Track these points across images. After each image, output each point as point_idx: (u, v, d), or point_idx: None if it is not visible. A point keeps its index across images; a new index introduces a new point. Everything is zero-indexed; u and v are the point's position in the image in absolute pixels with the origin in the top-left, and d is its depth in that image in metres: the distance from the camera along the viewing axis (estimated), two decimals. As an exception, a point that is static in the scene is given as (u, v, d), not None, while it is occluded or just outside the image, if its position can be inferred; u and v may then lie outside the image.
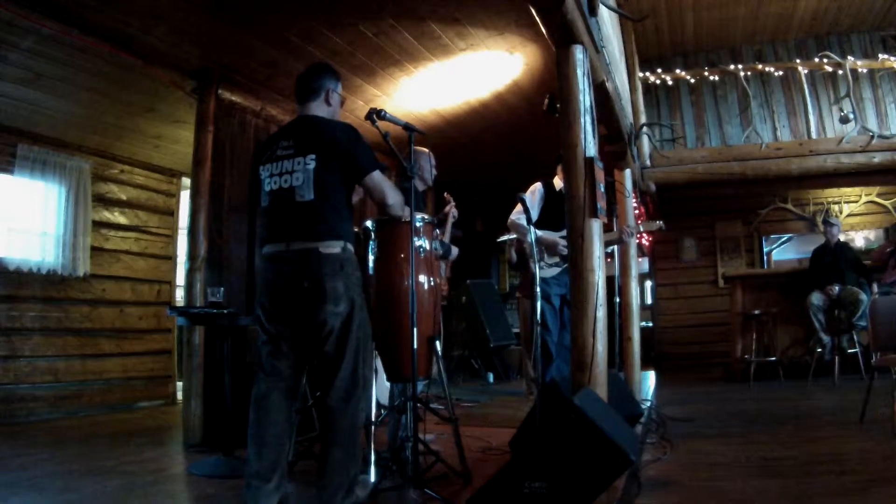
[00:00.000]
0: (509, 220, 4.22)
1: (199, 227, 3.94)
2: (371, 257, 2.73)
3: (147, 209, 6.17)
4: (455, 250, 3.42)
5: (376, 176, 2.28)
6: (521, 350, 6.13)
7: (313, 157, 2.21)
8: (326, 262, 2.16)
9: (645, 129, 6.37)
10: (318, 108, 2.38)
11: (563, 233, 4.07)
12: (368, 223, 2.77)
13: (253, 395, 2.22)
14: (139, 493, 2.70)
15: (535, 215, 4.12)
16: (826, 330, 5.86)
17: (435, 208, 6.20)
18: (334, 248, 2.18)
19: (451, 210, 3.57)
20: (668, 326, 8.30)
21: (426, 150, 3.37)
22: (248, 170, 4.26)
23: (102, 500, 2.58)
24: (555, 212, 4.17)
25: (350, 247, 2.25)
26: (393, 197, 2.34)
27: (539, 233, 4.06)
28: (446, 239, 3.38)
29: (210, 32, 3.67)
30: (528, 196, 4.14)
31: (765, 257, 8.22)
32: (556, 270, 4.16)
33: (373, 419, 2.67)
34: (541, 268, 4.14)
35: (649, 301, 8.93)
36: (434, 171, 3.40)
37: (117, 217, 5.91)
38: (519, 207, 4.16)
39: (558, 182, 4.30)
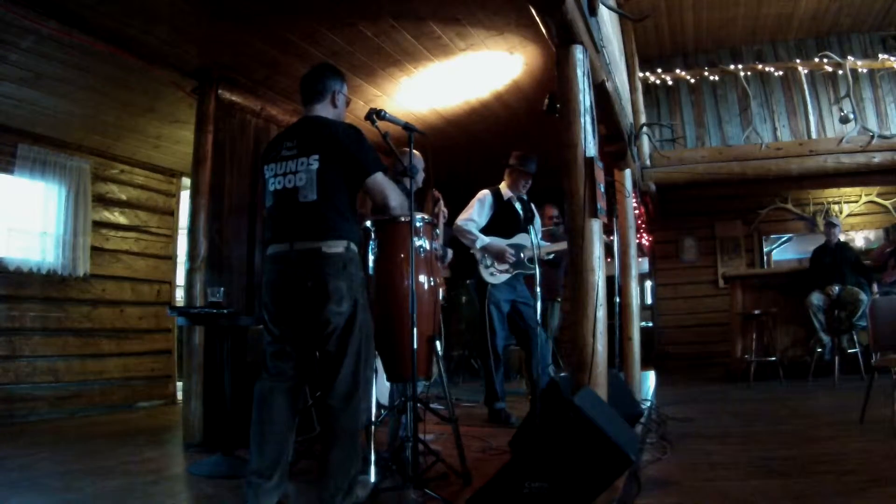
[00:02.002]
0: (456, 225, 4.23)
1: (199, 227, 3.93)
2: (371, 257, 2.73)
3: (147, 209, 6.18)
4: (450, 253, 3.41)
5: (379, 177, 2.29)
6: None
7: (316, 157, 2.21)
8: (329, 261, 2.17)
9: (645, 129, 6.38)
10: (324, 110, 2.38)
11: (513, 240, 4.21)
12: (368, 223, 2.77)
13: (256, 394, 2.23)
14: (139, 493, 2.70)
15: (482, 222, 4.22)
16: (826, 330, 5.86)
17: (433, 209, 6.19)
18: (337, 247, 2.19)
19: (441, 209, 3.53)
20: (668, 326, 8.30)
21: (417, 153, 3.35)
22: (248, 170, 4.30)
23: (102, 500, 2.58)
24: (503, 220, 4.24)
25: (353, 247, 2.25)
26: (395, 199, 2.35)
27: (487, 240, 4.13)
28: (440, 241, 3.36)
29: (210, 32, 3.67)
30: (476, 203, 4.21)
31: (765, 257, 8.22)
32: (505, 277, 4.19)
33: (373, 419, 2.67)
34: (492, 274, 4.19)
35: (649, 301, 8.93)
36: (423, 174, 3.39)
37: (117, 217, 5.91)
38: (470, 212, 4.20)
39: (505, 190, 4.37)
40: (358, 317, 2.21)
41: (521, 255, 4.25)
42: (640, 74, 6.86)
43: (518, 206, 4.37)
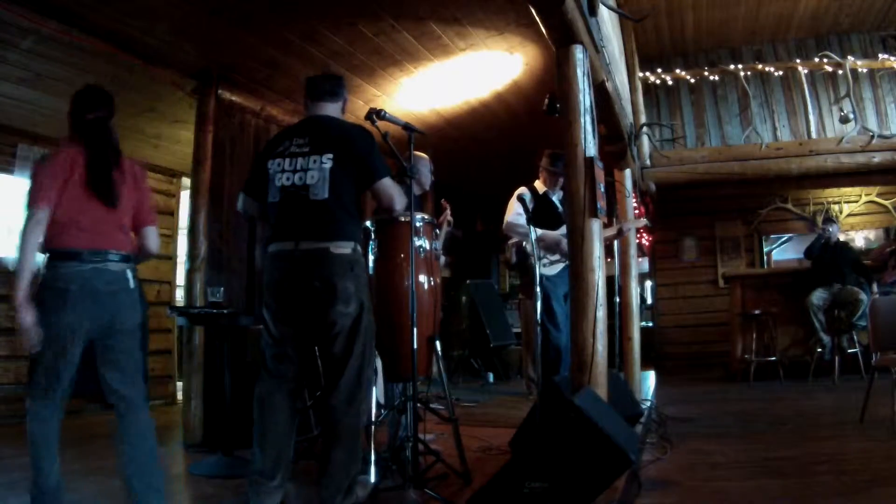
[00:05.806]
0: (506, 223, 4.29)
1: (199, 227, 3.94)
2: (371, 257, 2.73)
3: (147, 209, 6.16)
4: (443, 259, 3.41)
5: (387, 181, 2.30)
6: (521, 350, 6.13)
7: (330, 156, 2.21)
8: (337, 262, 2.17)
9: (645, 129, 6.37)
10: (335, 111, 2.40)
11: (563, 230, 4.17)
12: (368, 223, 2.77)
13: (256, 395, 2.23)
14: (139, 493, 2.68)
15: (525, 219, 4.21)
16: (826, 330, 5.86)
17: (435, 212, 6.20)
18: (345, 248, 2.19)
19: (447, 217, 3.55)
20: (668, 326, 8.29)
21: (425, 155, 3.36)
22: (248, 170, 4.28)
23: (102, 500, 2.58)
24: (545, 214, 4.25)
25: (359, 248, 2.27)
26: (401, 203, 2.36)
27: (540, 231, 4.11)
28: (439, 245, 3.37)
29: (210, 32, 3.67)
30: (517, 202, 4.27)
31: (765, 257, 8.22)
32: (559, 267, 4.21)
33: (373, 419, 2.67)
34: (543, 265, 4.18)
35: (649, 301, 8.93)
36: (431, 177, 3.39)
37: (117, 217, 5.89)
38: (514, 209, 4.22)
39: (540, 185, 4.42)
40: (363, 318, 2.21)
41: None
42: (640, 74, 6.86)
43: (555, 198, 4.43)
